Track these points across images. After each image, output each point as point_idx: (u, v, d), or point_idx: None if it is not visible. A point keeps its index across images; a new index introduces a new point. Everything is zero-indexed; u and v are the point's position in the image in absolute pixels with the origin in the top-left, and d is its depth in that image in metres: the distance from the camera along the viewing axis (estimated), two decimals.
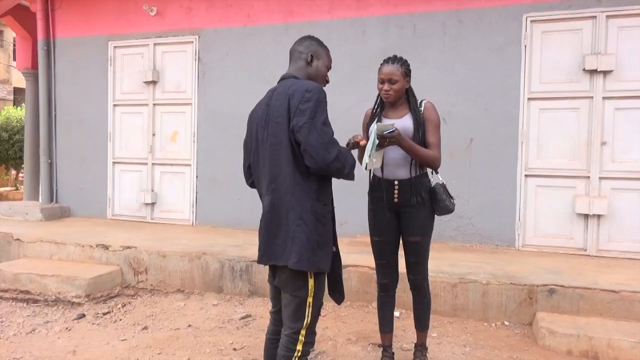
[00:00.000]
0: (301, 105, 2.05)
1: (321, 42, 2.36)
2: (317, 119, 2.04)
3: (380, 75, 2.76)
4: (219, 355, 3.29)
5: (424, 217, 2.79)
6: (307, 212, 2.09)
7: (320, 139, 2.02)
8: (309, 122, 2.02)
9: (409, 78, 2.78)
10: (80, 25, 6.83)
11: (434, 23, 5.30)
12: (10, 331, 3.82)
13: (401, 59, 2.76)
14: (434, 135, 2.76)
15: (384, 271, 2.93)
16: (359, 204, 4.98)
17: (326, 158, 2.03)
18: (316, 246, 2.09)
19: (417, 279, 2.88)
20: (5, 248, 5.41)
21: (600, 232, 4.83)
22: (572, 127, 4.93)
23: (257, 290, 4.48)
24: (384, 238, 2.86)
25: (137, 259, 4.83)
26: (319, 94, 2.08)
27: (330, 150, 2.03)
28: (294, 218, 2.09)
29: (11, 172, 12.65)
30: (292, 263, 2.07)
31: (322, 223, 2.13)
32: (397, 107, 2.83)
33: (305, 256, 2.06)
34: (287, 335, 2.16)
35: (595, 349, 3.24)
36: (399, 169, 2.74)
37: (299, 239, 2.07)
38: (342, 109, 5.42)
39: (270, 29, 5.92)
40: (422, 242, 2.81)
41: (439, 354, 3.27)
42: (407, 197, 2.75)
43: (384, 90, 2.75)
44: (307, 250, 2.07)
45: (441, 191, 2.78)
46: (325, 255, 2.14)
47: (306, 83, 2.14)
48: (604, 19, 4.79)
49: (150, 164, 6.54)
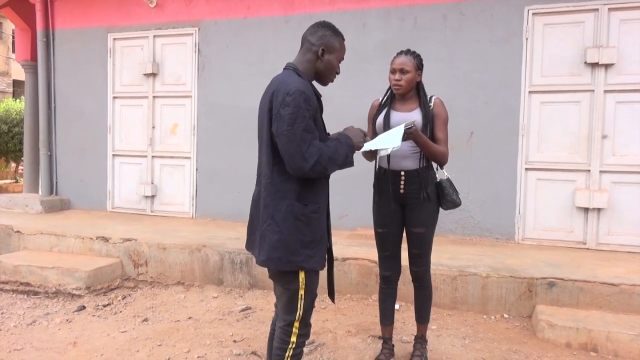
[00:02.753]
0: (281, 110, 2.01)
1: (336, 31, 2.22)
2: (297, 127, 1.98)
3: (393, 65, 2.76)
4: (219, 347, 3.31)
5: (429, 208, 2.80)
6: (279, 212, 2.07)
7: (298, 147, 1.98)
8: (287, 130, 1.98)
9: (420, 71, 2.79)
10: (79, 17, 6.79)
11: (435, 15, 5.27)
12: (11, 323, 3.83)
13: (414, 52, 2.78)
14: (443, 132, 2.78)
15: (386, 263, 2.93)
16: (359, 197, 5.00)
17: (303, 167, 2.00)
18: (298, 246, 2.08)
19: (420, 271, 2.89)
20: (6, 240, 5.41)
21: (600, 226, 4.83)
22: (573, 120, 4.92)
23: (257, 283, 4.49)
24: (387, 230, 2.87)
25: (137, 252, 4.84)
26: (299, 99, 1.99)
27: (308, 158, 1.99)
28: (265, 217, 2.11)
29: (11, 164, 12.64)
30: (259, 261, 2.13)
31: (303, 223, 2.09)
32: (406, 101, 2.83)
33: (275, 256, 2.07)
34: (281, 327, 2.19)
35: (594, 342, 3.25)
36: (406, 160, 2.75)
37: (268, 238, 2.09)
38: (341, 101, 5.41)
39: (270, 21, 5.89)
40: (426, 234, 2.82)
41: (438, 346, 3.28)
42: (412, 188, 2.76)
43: (395, 80, 2.75)
44: (278, 250, 2.07)
45: (448, 185, 2.81)
46: (313, 255, 2.11)
47: (290, 84, 2.05)
48: (606, 11, 4.77)
49: (150, 157, 6.53)
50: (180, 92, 6.36)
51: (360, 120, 5.31)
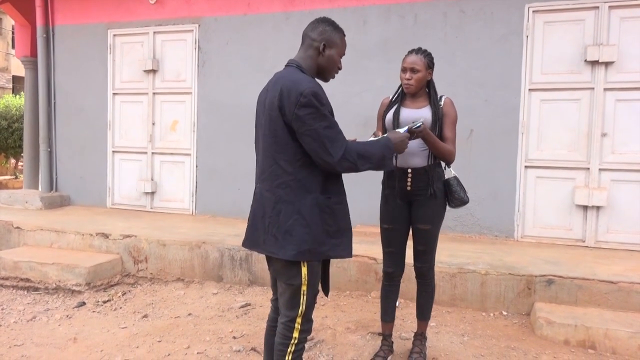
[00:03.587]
0: (298, 111, 2.00)
1: (336, 27, 2.22)
2: (318, 125, 2.01)
3: (403, 64, 2.79)
4: (218, 343, 3.32)
5: (436, 205, 2.83)
6: (306, 207, 2.08)
7: (322, 145, 2.01)
8: (309, 129, 2.01)
9: (431, 70, 2.81)
10: (79, 13, 6.78)
11: (436, 13, 5.27)
12: (11, 318, 3.84)
13: (425, 51, 2.79)
14: (451, 131, 2.82)
15: (390, 260, 2.94)
16: (358, 194, 4.99)
17: (330, 161, 2.03)
18: (324, 236, 2.12)
19: (424, 268, 2.91)
20: (6, 236, 5.42)
21: (599, 224, 4.84)
22: (573, 118, 4.92)
23: (257, 279, 4.50)
24: (393, 226, 2.89)
25: (137, 248, 4.85)
26: (315, 99, 2.00)
27: (333, 154, 2.02)
28: (290, 212, 2.09)
29: (11, 160, 12.64)
30: (290, 255, 2.08)
31: (328, 214, 2.13)
32: (416, 99, 2.85)
33: (306, 248, 2.08)
34: (283, 323, 2.18)
35: (592, 339, 3.26)
36: (413, 158, 2.78)
37: (297, 232, 2.08)
38: (341, 98, 5.40)
39: (270, 18, 5.88)
40: (432, 231, 2.85)
41: (437, 343, 3.29)
42: (419, 185, 2.79)
43: (405, 79, 2.78)
44: (308, 242, 2.07)
45: (455, 184, 2.84)
46: (339, 243, 2.17)
47: (300, 83, 2.04)
48: (606, 9, 4.77)
49: (150, 153, 6.53)
50: (180, 89, 6.35)
51: (360, 117, 5.35)
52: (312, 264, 2.14)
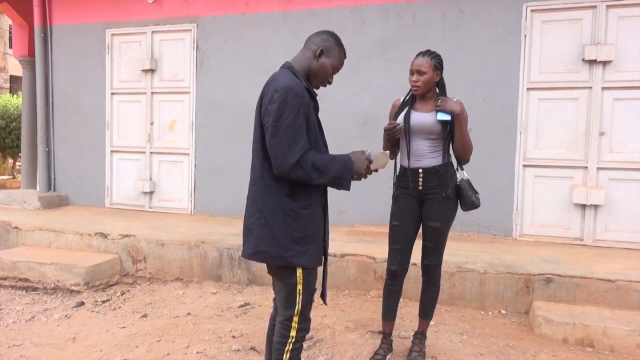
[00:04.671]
0: (269, 106, 2.03)
1: (339, 43, 2.24)
2: (281, 123, 1.98)
3: (411, 66, 2.84)
4: (217, 342, 3.32)
5: (447, 205, 2.86)
6: (268, 207, 2.08)
7: (280, 144, 1.98)
8: (272, 125, 2.00)
9: (439, 72, 2.83)
10: (77, 12, 6.77)
11: (434, 12, 5.27)
12: (10, 318, 3.83)
13: (433, 53, 2.82)
14: (463, 132, 2.88)
15: (395, 257, 2.93)
16: (358, 193, 5.00)
17: (284, 163, 1.98)
18: (288, 241, 2.07)
19: (431, 265, 2.93)
20: (4, 236, 5.41)
21: (597, 222, 4.85)
22: (571, 117, 4.93)
23: (256, 279, 4.50)
24: (403, 223, 2.91)
25: (135, 248, 4.85)
26: (286, 95, 1.99)
27: (289, 156, 1.98)
28: (254, 211, 2.13)
29: (8, 160, 12.61)
30: (246, 254, 2.13)
31: (292, 218, 2.08)
32: (427, 101, 2.88)
33: (263, 249, 2.08)
34: (280, 322, 2.20)
35: (590, 337, 3.27)
36: (424, 159, 2.84)
37: (255, 232, 2.11)
38: (339, 98, 5.41)
39: (269, 17, 5.88)
40: (442, 229, 2.87)
41: (436, 342, 3.30)
42: (431, 185, 2.83)
43: (413, 81, 2.82)
44: (266, 243, 2.07)
45: (466, 187, 2.89)
46: (304, 251, 2.10)
47: (280, 81, 2.06)
48: (604, 8, 4.78)
49: (148, 153, 6.53)
50: (178, 89, 6.35)
51: (359, 116, 5.35)
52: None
